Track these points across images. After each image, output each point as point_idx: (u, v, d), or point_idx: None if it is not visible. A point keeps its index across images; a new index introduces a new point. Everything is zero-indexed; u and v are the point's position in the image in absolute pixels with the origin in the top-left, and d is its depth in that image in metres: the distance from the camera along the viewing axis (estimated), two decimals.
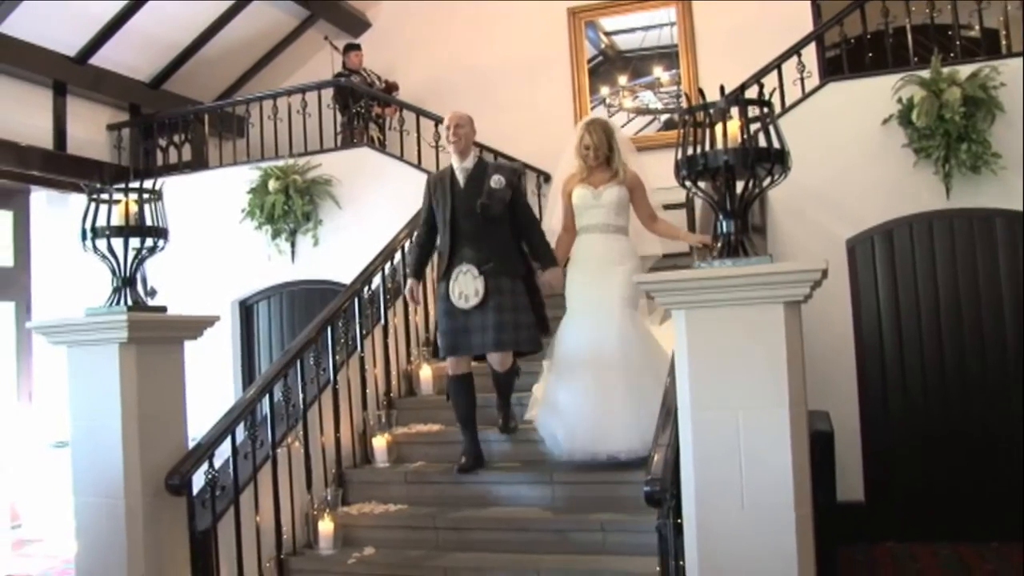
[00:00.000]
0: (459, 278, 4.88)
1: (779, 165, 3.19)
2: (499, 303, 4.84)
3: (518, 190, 5.11)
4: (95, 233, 4.12)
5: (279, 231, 7.63)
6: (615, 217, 5.00)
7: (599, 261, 4.96)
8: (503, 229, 4.97)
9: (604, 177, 5.03)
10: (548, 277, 5.05)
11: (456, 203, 4.99)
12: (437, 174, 5.29)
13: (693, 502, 3.10)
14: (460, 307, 4.86)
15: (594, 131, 5.04)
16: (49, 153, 8.32)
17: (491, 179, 4.96)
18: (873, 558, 5.69)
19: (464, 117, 5.08)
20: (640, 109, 9.37)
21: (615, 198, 4.98)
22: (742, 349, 3.07)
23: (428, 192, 5.17)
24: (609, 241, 4.99)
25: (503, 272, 4.89)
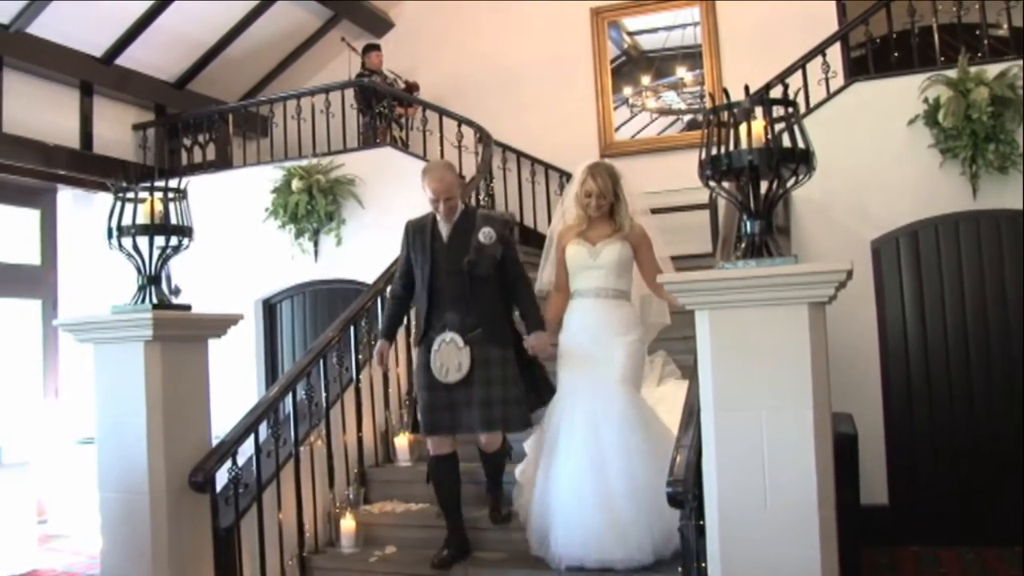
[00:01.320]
0: (441, 348, 4.32)
1: (804, 165, 3.17)
2: (487, 376, 4.31)
3: (509, 245, 4.47)
4: (121, 231, 4.16)
5: (302, 230, 7.66)
6: (615, 279, 4.38)
7: (596, 331, 4.32)
8: (491, 290, 4.40)
9: (604, 231, 4.40)
10: (533, 341, 4.42)
11: (438, 259, 4.41)
12: (416, 221, 4.60)
13: (716, 503, 3.08)
14: (442, 381, 4.32)
15: (598, 175, 4.39)
16: (75, 152, 8.40)
17: (479, 233, 4.36)
18: (897, 561, 5.64)
19: (453, 182, 4.43)
20: (663, 109, 9.34)
21: (615, 257, 4.35)
22: (766, 350, 3.05)
23: (406, 241, 4.59)
24: (608, 308, 4.36)
25: (491, 340, 4.35)
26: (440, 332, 4.34)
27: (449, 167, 4.53)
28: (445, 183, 4.38)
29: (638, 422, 4.18)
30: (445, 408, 4.35)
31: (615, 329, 4.32)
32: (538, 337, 4.42)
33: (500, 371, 4.33)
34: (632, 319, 4.40)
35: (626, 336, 4.31)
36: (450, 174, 4.44)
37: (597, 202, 4.38)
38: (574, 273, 4.44)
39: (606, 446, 4.12)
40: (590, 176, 4.39)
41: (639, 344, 4.37)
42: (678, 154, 8.35)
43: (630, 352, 4.28)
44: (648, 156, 8.88)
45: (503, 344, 4.39)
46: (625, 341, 4.30)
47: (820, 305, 3.10)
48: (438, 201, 4.37)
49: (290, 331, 8.23)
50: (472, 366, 4.29)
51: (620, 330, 4.32)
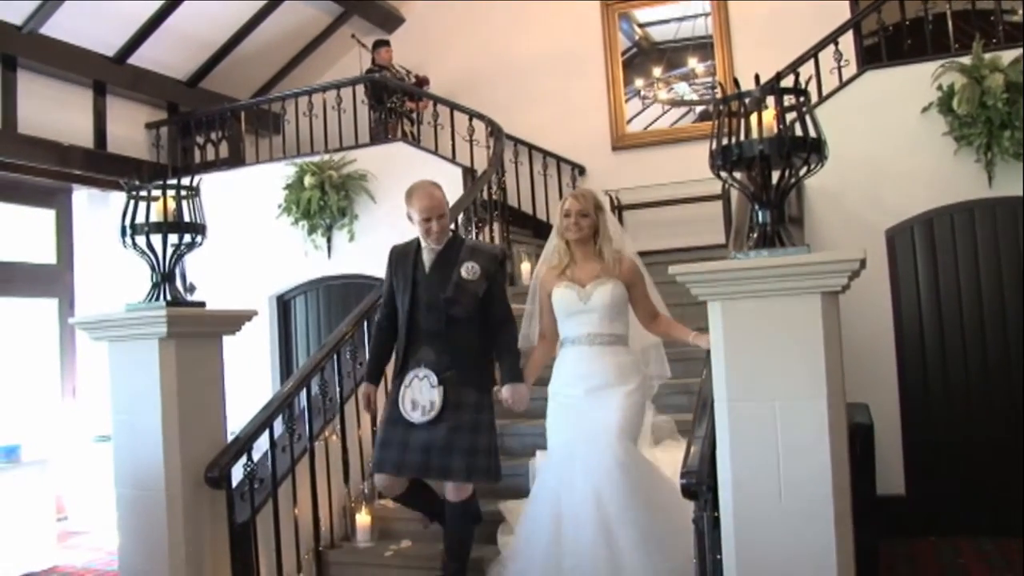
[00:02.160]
0: (413, 384, 4.04)
1: (815, 154, 3.15)
2: (457, 421, 3.99)
3: (496, 281, 4.17)
4: (134, 230, 4.17)
5: (315, 226, 7.68)
6: (610, 323, 3.99)
7: (591, 382, 3.94)
8: (471, 329, 4.08)
9: (592, 270, 4.02)
10: (508, 394, 4.03)
11: (418, 291, 4.12)
12: (401, 247, 4.33)
13: (730, 495, 3.08)
14: (409, 419, 4.03)
15: (580, 194, 4.09)
16: (90, 152, 8.44)
17: (462, 267, 4.07)
18: (915, 553, 5.61)
19: (443, 202, 4.14)
20: (675, 101, 9.31)
21: (608, 298, 3.96)
22: (779, 340, 3.04)
23: (389, 267, 4.33)
24: (603, 356, 3.97)
25: (468, 382, 4.05)
26: (415, 367, 4.07)
27: (437, 185, 4.21)
28: (435, 199, 4.10)
29: (639, 477, 3.84)
30: (399, 445, 4.03)
31: (612, 379, 3.94)
32: (514, 390, 4.04)
33: (472, 416, 4.01)
34: (630, 366, 4.02)
35: (624, 386, 3.94)
36: (439, 191, 4.16)
37: (576, 220, 3.99)
38: (563, 319, 4.05)
39: (608, 507, 3.77)
40: (570, 196, 4.10)
41: (638, 394, 3.99)
42: (690, 145, 8.32)
43: (629, 403, 3.92)
44: (660, 148, 8.87)
45: (480, 388, 4.09)
46: (623, 392, 3.92)
47: (833, 294, 3.08)
48: (430, 220, 4.06)
49: (304, 327, 8.25)
50: (443, 408, 3.99)
51: (617, 379, 3.94)
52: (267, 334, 8.11)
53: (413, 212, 4.11)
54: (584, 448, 3.86)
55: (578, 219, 3.99)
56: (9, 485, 6.48)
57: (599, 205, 4.07)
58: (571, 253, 4.06)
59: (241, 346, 4.96)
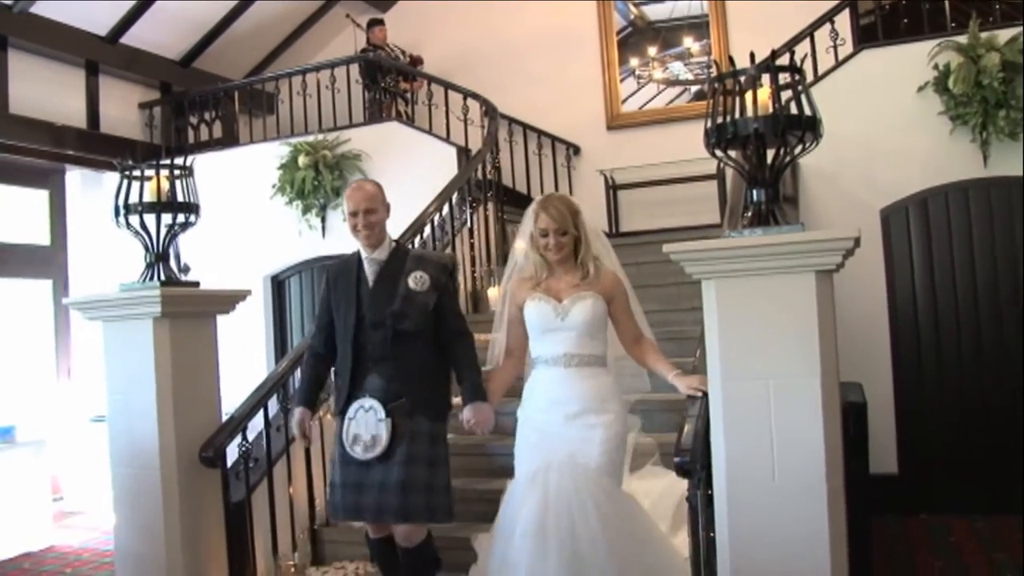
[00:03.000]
0: (358, 416, 3.62)
1: (810, 133, 3.15)
2: (410, 453, 3.57)
3: (447, 291, 3.77)
4: (128, 209, 4.17)
5: (309, 206, 7.66)
6: (589, 343, 3.58)
7: (566, 409, 3.52)
8: (422, 348, 3.68)
9: (570, 282, 3.61)
10: (470, 415, 3.65)
11: (361, 309, 3.70)
12: (340, 263, 3.91)
13: (724, 473, 3.09)
14: (351, 455, 3.63)
15: (551, 206, 3.58)
16: (83, 132, 8.40)
17: (409, 277, 3.67)
18: (907, 530, 5.65)
19: (375, 195, 3.76)
20: (670, 80, 9.28)
21: (588, 315, 3.55)
22: (773, 319, 3.05)
23: (326, 286, 3.89)
24: (581, 379, 3.55)
25: (421, 410, 3.63)
26: (360, 397, 3.65)
27: (375, 183, 3.86)
28: (365, 191, 3.74)
29: (617, 517, 3.46)
30: (353, 488, 3.64)
31: (591, 404, 3.53)
32: (477, 410, 3.65)
33: (427, 448, 3.61)
34: (610, 391, 3.61)
35: (603, 414, 3.53)
36: (373, 186, 3.80)
37: (556, 240, 3.55)
38: (536, 336, 3.63)
39: (584, 552, 3.38)
40: (542, 210, 3.58)
41: (619, 424, 3.59)
42: (685, 125, 8.29)
43: (609, 435, 3.52)
44: (655, 127, 8.84)
45: (434, 416, 3.67)
46: (602, 421, 3.51)
47: (827, 273, 3.09)
48: (356, 215, 3.68)
49: (298, 307, 8.25)
50: (393, 441, 3.57)
51: (597, 406, 3.53)
52: (261, 314, 8.11)
53: (344, 209, 3.78)
54: (557, 483, 3.43)
55: (557, 239, 3.56)
56: (5, 466, 6.49)
57: (576, 211, 3.62)
58: (548, 265, 3.63)
59: (236, 326, 4.96)
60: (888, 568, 5.00)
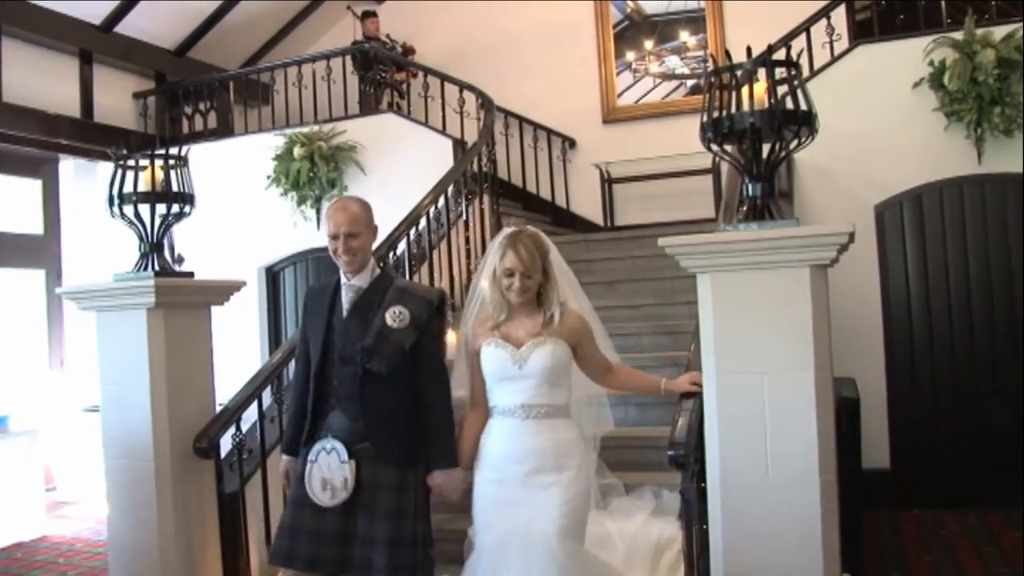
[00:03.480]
0: (320, 458, 3.26)
1: (806, 127, 3.16)
2: (372, 504, 3.22)
3: (428, 333, 3.34)
4: (122, 199, 4.15)
5: (304, 198, 7.64)
6: (548, 391, 3.23)
7: (526, 465, 3.20)
8: (394, 391, 3.29)
9: (530, 327, 3.28)
10: (439, 480, 3.30)
11: (331, 338, 3.34)
12: (319, 286, 3.58)
13: (717, 467, 3.11)
14: (317, 501, 3.24)
15: (521, 244, 3.25)
16: (77, 122, 8.37)
17: (387, 312, 3.27)
18: (899, 525, 5.68)
19: (359, 218, 3.32)
20: (666, 74, 9.28)
21: (548, 363, 3.21)
22: (767, 313, 3.06)
23: (304, 311, 3.54)
24: (541, 432, 3.22)
25: (385, 458, 3.25)
26: (323, 438, 3.30)
27: (361, 202, 3.44)
28: (350, 213, 3.31)
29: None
30: (309, 535, 3.26)
31: (550, 461, 3.20)
32: (447, 477, 3.30)
33: (393, 500, 3.24)
34: (571, 444, 3.28)
35: (563, 471, 3.20)
36: (358, 207, 3.38)
37: (522, 283, 3.23)
38: (493, 384, 3.31)
39: None
40: (510, 248, 3.25)
41: (581, 480, 3.26)
42: (681, 119, 8.31)
43: (572, 494, 3.19)
44: (651, 121, 8.84)
45: (401, 464, 3.28)
46: (562, 480, 3.19)
47: (822, 268, 3.10)
48: (337, 239, 3.28)
49: (293, 298, 8.23)
50: (357, 489, 3.22)
51: (556, 461, 3.21)
52: (256, 305, 8.10)
53: (326, 229, 3.38)
54: (519, 554, 3.14)
55: (523, 282, 3.24)
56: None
57: (546, 252, 3.32)
58: (509, 307, 3.31)
59: (230, 317, 4.95)
60: (879, 562, 5.03)
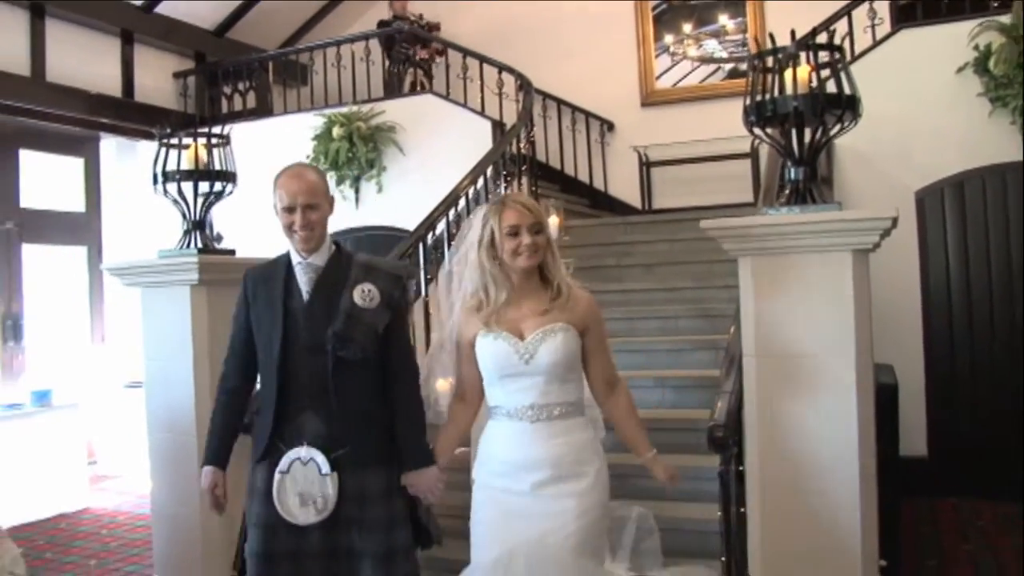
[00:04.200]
0: (292, 471, 2.81)
1: (850, 112, 3.14)
2: (360, 518, 2.82)
3: (399, 311, 2.97)
4: (166, 177, 4.22)
5: (343, 177, 7.68)
6: (560, 389, 2.77)
7: (537, 474, 2.74)
8: (370, 379, 2.90)
9: (535, 308, 2.80)
10: (414, 480, 2.89)
11: (291, 328, 2.88)
12: (261, 268, 3.09)
13: (756, 449, 3.12)
14: (294, 520, 2.80)
15: (517, 201, 2.84)
16: (118, 101, 8.46)
17: (355, 290, 2.87)
18: (935, 513, 5.64)
19: (317, 186, 2.94)
20: (704, 58, 9.20)
21: (560, 356, 2.75)
22: (809, 297, 3.06)
23: (243, 297, 3.05)
24: (553, 435, 2.76)
25: (372, 459, 2.86)
26: (293, 445, 2.84)
27: (317, 170, 3.11)
28: (306, 181, 2.92)
29: None
30: (286, 560, 2.84)
31: (565, 469, 2.75)
32: (422, 476, 2.89)
33: (383, 509, 2.86)
34: (588, 447, 2.82)
35: (580, 479, 2.75)
36: (315, 174, 3.01)
37: (532, 240, 2.75)
38: (493, 382, 2.84)
39: None
40: (507, 206, 2.80)
41: (599, 488, 2.79)
42: (719, 103, 8.25)
43: (586, 505, 2.74)
44: (689, 105, 8.77)
45: (387, 465, 2.89)
46: (579, 489, 2.74)
47: (864, 253, 3.09)
48: (294, 211, 2.86)
49: None
50: (339, 503, 2.80)
51: (570, 470, 2.75)
52: None
53: (276, 201, 2.94)
54: (524, 568, 2.68)
55: (532, 238, 2.75)
56: (42, 428, 6.63)
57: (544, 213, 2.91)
58: (509, 284, 2.81)
59: None
60: (916, 550, 5.00)
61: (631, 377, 4.64)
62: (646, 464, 2.94)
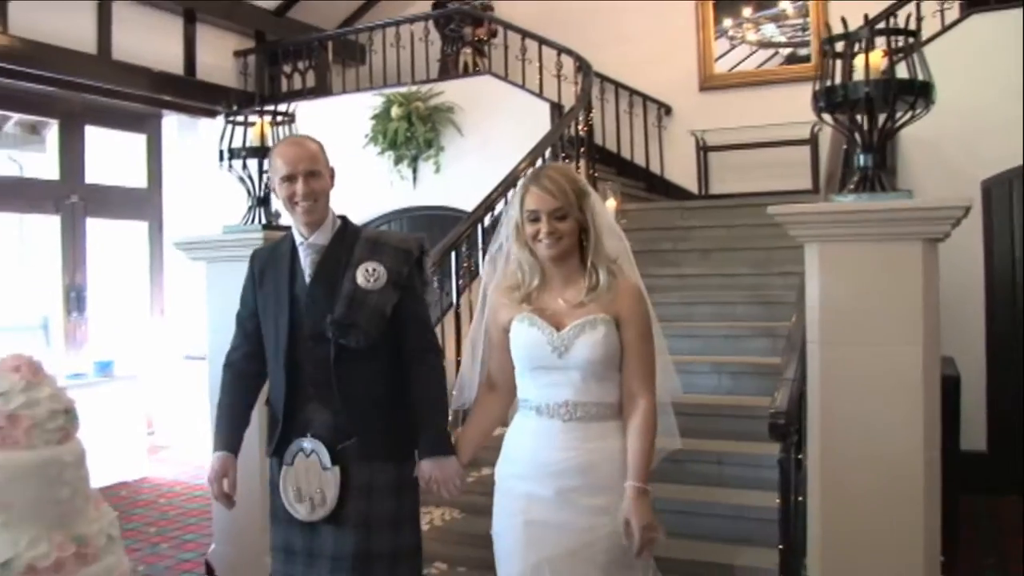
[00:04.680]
0: (298, 463, 2.68)
1: (922, 99, 3.08)
2: (366, 514, 2.65)
3: (411, 291, 2.74)
4: (232, 154, 4.29)
5: (401, 157, 7.71)
6: (596, 386, 2.48)
7: (564, 480, 2.46)
8: (379, 368, 2.71)
9: (572, 297, 2.52)
10: (429, 470, 2.67)
11: (297, 313, 2.73)
12: (268, 248, 2.96)
13: (818, 438, 3.09)
14: (294, 514, 2.69)
15: (546, 177, 2.51)
16: (180, 79, 8.58)
17: (358, 270, 2.68)
18: (995, 510, 5.55)
19: (317, 155, 2.76)
20: (763, 42, 9.07)
21: (599, 353, 2.46)
22: (876, 285, 3.03)
23: (250, 279, 2.91)
24: (585, 440, 2.48)
25: (379, 453, 2.68)
26: (300, 436, 2.71)
27: (316, 140, 2.85)
28: (306, 148, 2.75)
29: None
30: (302, 557, 2.72)
31: (596, 480, 2.46)
32: (440, 468, 2.66)
33: (391, 506, 2.69)
34: (620, 455, 2.47)
35: (611, 493, 2.43)
36: (316, 144, 2.80)
37: (551, 226, 2.46)
38: (524, 372, 2.57)
39: None
40: (532, 184, 2.51)
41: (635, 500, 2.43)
42: (778, 88, 8.16)
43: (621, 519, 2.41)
44: (747, 89, 8.65)
45: (397, 459, 2.71)
46: (614, 503, 2.42)
47: (934, 242, 3.05)
48: (295, 179, 2.67)
49: None
50: (344, 498, 2.63)
51: (604, 481, 2.45)
52: None
53: (273, 173, 2.79)
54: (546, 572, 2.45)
55: (552, 224, 2.46)
56: (104, 398, 6.76)
57: (583, 190, 2.54)
58: (542, 269, 2.56)
59: None
60: (975, 547, 4.93)
61: (687, 363, 4.69)
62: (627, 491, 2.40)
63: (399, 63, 8.27)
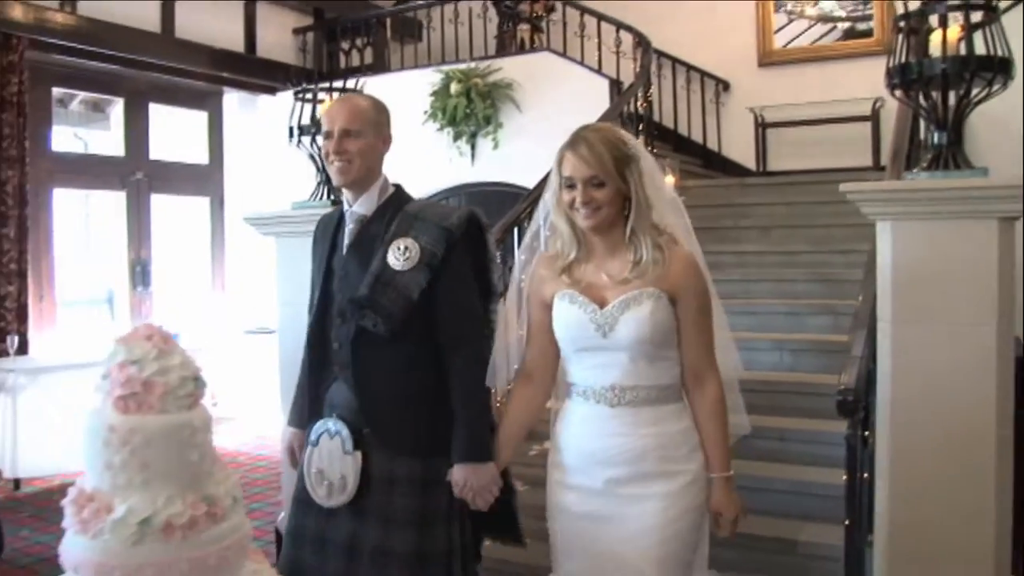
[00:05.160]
0: (322, 443, 2.50)
1: (1001, 75, 3.05)
2: (387, 507, 2.45)
3: (449, 270, 2.47)
4: (301, 131, 4.36)
5: (460, 133, 7.75)
6: (648, 369, 2.29)
7: (614, 469, 2.30)
8: (402, 355, 2.48)
9: (617, 271, 2.32)
10: (460, 476, 2.42)
11: (330, 285, 2.59)
12: (326, 217, 2.80)
13: (888, 416, 3.09)
14: (314, 497, 2.51)
15: (583, 142, 2.28)
16: (240, 56, 8.71)
17: (391, 246, 2.45)
18: None
19: (362, 113, 2.55)
20: (822, 17, 8.94)
21: (646, 331, 2.25)
22: (951, 264, 3.00)
23: (314, 248, 2.78)
24: (636, 426, 2.29)
25: (401, 446, 2.48)
26: (327, 414, 2.54)
27: (373, 100, 2.66)
28: (351, 104, 2.60)
29: None
30: (311, 543, 2.54)
31: (647, 467, 2.29)
32: (473, 474, 2.42)
33: (415, 501, 2.45)
34: (684, 440, 2.33)
35: (668, 479, 2.29)
36: (367, 102, 2.63)
37: (587, 195, 2.25)
38: (570, 353, 2.38)
39: None
40: (568, 150, 2.30)
41: (694, 491, 2.31)
42: (838, 64, 8.05)
43: (679, 509, 2.29)
44: (806, 65, 8.52)
45: (425, 453, 2.48)
46: (665, 490, 2.28)
47: (1011, 221, 3.01)
48: (330, 137, 2.51)
49: None
50: (364, 485, 2.45)
51: (656, 467, 2.29)
52: None
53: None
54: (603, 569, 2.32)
55: (588, 192, 2.26)
56: None
57: (626, 155, 2.29)
58: (584, 241, 2.36)
59: None
60: None
61: (747, 340, 4.69)
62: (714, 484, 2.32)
63: (457, 40, 8.30)
